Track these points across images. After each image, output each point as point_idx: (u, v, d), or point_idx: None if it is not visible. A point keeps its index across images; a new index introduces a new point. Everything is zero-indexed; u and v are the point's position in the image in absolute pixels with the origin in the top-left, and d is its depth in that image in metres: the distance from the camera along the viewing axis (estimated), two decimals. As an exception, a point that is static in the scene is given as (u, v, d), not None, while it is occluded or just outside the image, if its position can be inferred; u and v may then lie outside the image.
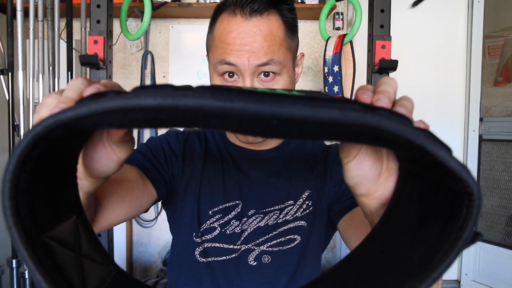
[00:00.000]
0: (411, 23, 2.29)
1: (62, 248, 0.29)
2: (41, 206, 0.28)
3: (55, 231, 0.29)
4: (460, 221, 0.27)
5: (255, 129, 0.28)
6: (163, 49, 2.26)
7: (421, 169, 0.32)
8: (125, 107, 0.23)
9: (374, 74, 1.27)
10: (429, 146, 0.25)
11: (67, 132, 0.27)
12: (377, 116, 0.24)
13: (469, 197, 0.27)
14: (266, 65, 0.61)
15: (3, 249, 1.97)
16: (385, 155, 0.36)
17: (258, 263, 0.69)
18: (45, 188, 0.29)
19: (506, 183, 2.15)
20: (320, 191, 0.74)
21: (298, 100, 0.24)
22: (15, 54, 1.79)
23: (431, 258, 0.28)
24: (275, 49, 0.61)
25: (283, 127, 0.25)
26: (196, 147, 0.76)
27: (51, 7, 1.84)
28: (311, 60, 2.28)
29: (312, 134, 0.30)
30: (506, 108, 2.19)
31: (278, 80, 0.64)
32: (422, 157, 0.28)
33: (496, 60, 2.23)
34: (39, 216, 0.28)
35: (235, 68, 0.62)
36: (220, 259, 0.69)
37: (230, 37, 0.61)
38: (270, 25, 0.61)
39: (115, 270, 0.34)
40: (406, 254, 0.30)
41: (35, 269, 0.25)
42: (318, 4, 2.06)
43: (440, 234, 0.28)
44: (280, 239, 0.71)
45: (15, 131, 1.82)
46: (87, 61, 1.21)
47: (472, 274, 2.29)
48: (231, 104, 0.22)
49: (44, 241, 0.28)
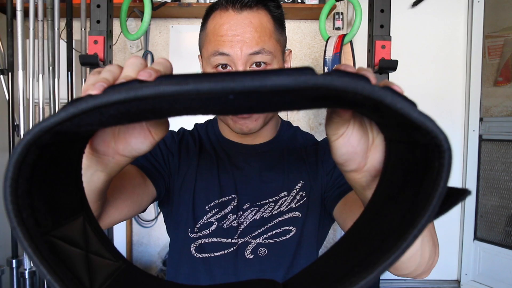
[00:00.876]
0: (411, 23, 2.29)
1: (69, 246, 0.31)
2: (43, 207, 0.30)
3: (61, 231, 0.31)
4: (434, 175, 0.27)
5: (215, 107, 0.30)
6: (163, 49, 2.26)
7: (399, 133, 0.32)
8: (97, 105, 0.25)
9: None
10: (387, 99, 0.25)
11: (58, 136, 0.28)
12: (329, 76, 0.24)
13: (438, 149, 0.26)
14: (258, 54, 0.64)
15: (3, 249, 1.97)
16: (369, 128, 0.37)
17: (255, 256, 0.70)
18: (46, 190, 0.31)
19: (506, 183, 2.15)
20: (312, 181, 0.75)
21: (249, 73, 0.24)
22: (15, 54, 1.79)
23: (410, 215, 0.28)
24: (265, 39, 0.65)
25: (241, 101, 0.27)
26: (190, 145, 0.77)
27: (51, 7, 1.84)
28: (311, 60, 2.28)
29: (272, 105, 0.31)
30: (506, 108, 2.19)
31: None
32: (389, 116, 0.28)
33: (496, 60, 2.23)
34: (42, 216, 0.29)
35: (228, 58, 0.64)
36: (217, 254, 0.70)
37: (223, 29, 0.65)
38: (260, 18, 0.66)
39: (124, 264, 0.35)
40: (389, 217, 0.31)
41: (40, 264, 0.27)
42: (318, 4, 2.06)
43: (417, 191, 0.28)
44: (275, 230, 0.72)
45: (15, 131, 1.82)
46: (87, 61, 1.21)
47: (472, 274, 2.29)
48: (186, 87, 0.24)
49: (49, 239, 0.29)
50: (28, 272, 1.77)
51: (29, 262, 1.78)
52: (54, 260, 0.28)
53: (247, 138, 0.76)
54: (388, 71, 1.25)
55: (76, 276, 0.29)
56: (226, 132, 0.78)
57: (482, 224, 2.27)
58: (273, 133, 0.80)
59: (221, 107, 0.31)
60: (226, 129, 0.77)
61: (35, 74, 1.84)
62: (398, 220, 0.29)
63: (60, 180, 0.33)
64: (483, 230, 2.26)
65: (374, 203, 0.35)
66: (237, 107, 0.31)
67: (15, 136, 1.83)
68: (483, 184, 2.26)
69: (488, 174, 2.24)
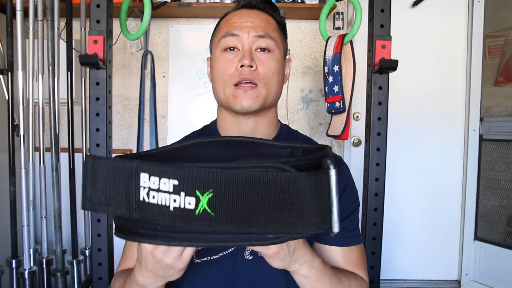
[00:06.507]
0: (411, 23, 2.28)
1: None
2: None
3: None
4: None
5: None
6: (163, 49, 2.26)
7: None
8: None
9: (374, 74, 1.27)
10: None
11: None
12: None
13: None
14: (263, 38, 0.72)
15: (3, 249, 1.97)
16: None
17: (254, 257, 0.69)
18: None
19: (506, 183, 2.15)
20: None
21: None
22: (14, 54, 1.79)
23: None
24: (270, 29, 0.74)
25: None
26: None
27: (50, 6, 1.83)
28: (311, 60, 2.28)
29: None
30: (507, 108, 2.19)
31: (273, 56, 0.73)
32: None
33: (497, 60, 2.23)
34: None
35: (237, 38, 0.72)
36: (216, 257, 0.69)
37: (235, 18, 0.74)
38: (267, 16, 0.76)
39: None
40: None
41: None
42: (318, 4, 2.06)
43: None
44: None
45: (15, 131, 1.82)
46: (87, 61, 1.21)
47: (473, 274, 2.29)
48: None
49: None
50: (28, 272, 1.77)
51: (29, 262, 1.78)
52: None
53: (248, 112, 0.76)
54: (388, 71, 1.25)
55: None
56: (225, 134, 0.78)
57: (482, 224, 2.26)
58: (273, 133, 0.80)
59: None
60: (226, 131, 0.77)
61: (34, 74, 1.84)
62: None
63: None
64: (483, 230, 2.26)
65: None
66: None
67: (14, 136, 1.83)
68: (484, 184, 2.26)
69: (488, 174, 2.24)
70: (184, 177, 0.39)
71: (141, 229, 0.44)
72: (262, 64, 0.71)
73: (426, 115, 2.31)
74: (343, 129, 1.69)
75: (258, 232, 0.40)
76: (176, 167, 0.40)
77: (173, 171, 0.39)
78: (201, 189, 0.39)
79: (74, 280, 1.99)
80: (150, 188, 0.40)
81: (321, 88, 2.22)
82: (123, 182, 0.41)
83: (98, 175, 0.42)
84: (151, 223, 0.43)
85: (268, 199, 0.39)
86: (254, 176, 0.39)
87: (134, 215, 0.40)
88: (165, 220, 0.40)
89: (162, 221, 0.40)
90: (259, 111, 0.73)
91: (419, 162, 2.34)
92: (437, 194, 2.35)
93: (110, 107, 1.31)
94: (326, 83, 1.76)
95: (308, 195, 0.40)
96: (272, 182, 0.39)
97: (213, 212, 0.39)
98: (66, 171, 1.98)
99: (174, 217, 0.39)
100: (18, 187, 1.80)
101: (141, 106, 2.23)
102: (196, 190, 0.39)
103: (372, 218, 1.28)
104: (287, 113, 2.25)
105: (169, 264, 0.51)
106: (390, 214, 2.24)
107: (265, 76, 0.71)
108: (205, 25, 2.22)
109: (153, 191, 0.40)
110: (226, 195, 0.39)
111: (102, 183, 0.42)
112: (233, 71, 0.71)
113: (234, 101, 0.71)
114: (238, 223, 0.39)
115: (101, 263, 1.29)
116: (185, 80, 2.25)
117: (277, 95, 0.75)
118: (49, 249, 1.92)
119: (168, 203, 0.40)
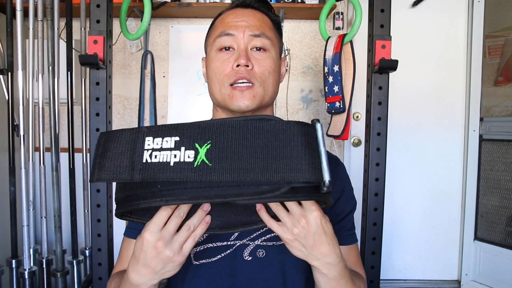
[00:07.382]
0: (411, 23, 2.28)
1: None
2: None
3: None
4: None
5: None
6: (163, 49, 2.26)
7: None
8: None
9: (374, 74, 1.27)
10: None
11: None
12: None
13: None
14: (258, 37, 0.71)
15: (3, 249, 1.97)
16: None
17: (253, 258, 0.69)
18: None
19: (506, 183, 2.15)
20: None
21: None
22: (14, 54, 1.79)
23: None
24: (266, 29, 0.74)
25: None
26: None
27: (50, 6, 1.83)
28: (311, 60, 2.28)
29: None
30: (507, 108, 2.19)
31: (268, 55, 0.73)
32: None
33: (497, 60, 2.22)
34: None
35: (233, 38, 0.71)
36: (214, 259, 0.69)
37: (229, 17, 0.74)
38: (262, 15, 0.75)
39: None
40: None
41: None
42: (318, 4, 2.06)
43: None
44: (273, 233, 0.71)
45: (15, 131, 1.82)
46: (87, 61, 1.21)
47: (473, 274, 2.29)
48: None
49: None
50: (28, 272, 1.77)
51: (29, 262, 1.78)
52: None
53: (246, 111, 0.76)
54: (388, 71, 1.25)
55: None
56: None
57: (482, 224, 2.26)
58: None
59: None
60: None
61: (34, 74, 1.84)
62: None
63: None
64: (483, 230, 2.26)
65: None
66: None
67: (14, 136, 1.83)
68: (484, 184, 2.26)
69: (488, 174, 2.24)
70: (185, 133, 0.44)
71: (141, 193, 0.46)
72: (258, 64, 0.71)
73: (426, 115, 2.31)
74: (343, 129, 1.69)
75: (252, 179, 0.42)
76: (178, 125, 0.44)
77: (176, 129, 0.44)
78: (200, 142, 0.42)
79: (74, 280, 1.99)
80: (153, 149, 0.44)
81: (321, 88, 2.22)
82: (129, 148, 0.44)
83: (107, 148, 0.46)
84: (151, 185, 0.45)
85: (261, 146, 0.43)
86: (249, 124, 0.43)
87: (136, 177, 0.43)
88: (165, 175, 0.42)
89: (162, 177, 0.42)
90: (255, 110, 0.73)
91: (419, 162, 2.34)
92: (437, 194, 2.35)
93: (110, 107, 1.31)
94: (326, 83, 1.76)
95: (298, 143, 0.43)
96: (266, 129, 0.43)
97: (210, 162, 0.42)
98: (66, 171, 1.98)
99: (174, 172, 0.42)
100: (18, 187, 1.80)
101: (141, 106, 2.23)
102: (196, 143, 0.43)
103: (372, 218, 1.28)
104: (287, 113, 2.25)
105: (169, 257, 0.51)
106: (390, 214, 2.24)
107: (262, 75, 0.71)
108: (205, 25, 2.22)
109: (155, 151, 0.43)
110: (223, 144, 0.42)
111: (111, 153, 0.45)
112: (229, 71, 0.70)
113: (230, 101, 0.70)
114: (233, 172, 0.42)
115: (101, 263, 1.29)
116: (185, 80, 2.25)
117: (273, 94, 0.75)
118: (49, 249, 1.92)
119: (169, 159, 0.43)
